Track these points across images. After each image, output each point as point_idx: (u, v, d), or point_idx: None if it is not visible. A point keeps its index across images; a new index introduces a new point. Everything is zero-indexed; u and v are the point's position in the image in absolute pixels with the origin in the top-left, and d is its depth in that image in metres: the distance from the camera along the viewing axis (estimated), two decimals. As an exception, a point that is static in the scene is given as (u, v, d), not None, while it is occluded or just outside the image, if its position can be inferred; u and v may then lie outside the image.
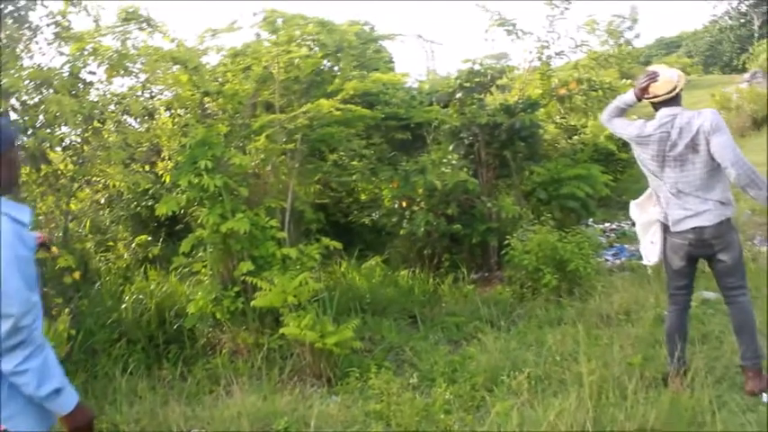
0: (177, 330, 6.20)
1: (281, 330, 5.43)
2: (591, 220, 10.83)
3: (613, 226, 11.37)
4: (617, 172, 12.95)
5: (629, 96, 4.52)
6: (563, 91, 9.83)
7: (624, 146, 13.63)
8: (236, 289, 5.96)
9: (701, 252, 4.40)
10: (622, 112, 4.61)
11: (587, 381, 4.26)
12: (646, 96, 4.43)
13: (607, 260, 9.02)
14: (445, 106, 8.86)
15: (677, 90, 4.34)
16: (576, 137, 12.13)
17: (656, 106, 4.41)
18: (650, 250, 4.65)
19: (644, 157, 4.46)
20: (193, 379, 5.47)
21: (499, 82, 9.12)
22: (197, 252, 6.41)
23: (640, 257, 8.24)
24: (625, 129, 4.57)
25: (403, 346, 6.05)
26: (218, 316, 5.94)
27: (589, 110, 10.68)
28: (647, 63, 39.07)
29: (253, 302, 5.64)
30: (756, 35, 40.70)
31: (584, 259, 7.12)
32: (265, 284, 5.64)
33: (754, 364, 4.37)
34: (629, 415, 3.96)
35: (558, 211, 9.22)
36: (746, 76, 28.01)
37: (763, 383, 4.34)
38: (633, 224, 10.38)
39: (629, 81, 11.20)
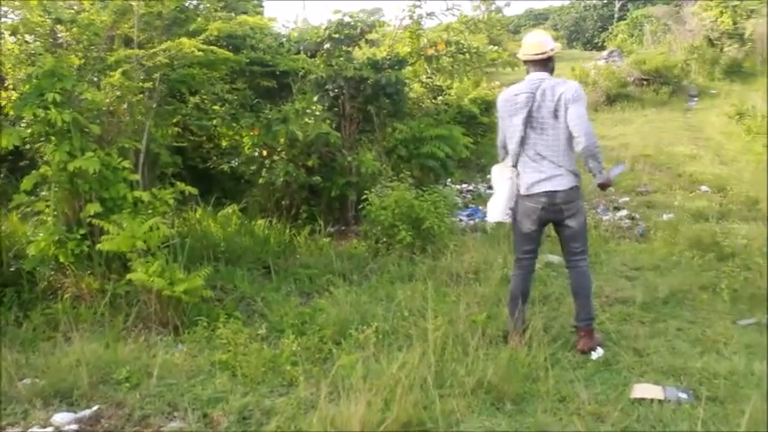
0: (15, 273, 5.85)
1: (128, 276, 5.25)
2: (449, 180, 11.09)
3: (470, 187, 11.70)
4: (478, 135, 13.25)
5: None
6: (431, 51, 9.91)
7: (486, 110, 14.03)
8: (81, 231, 5.68)
9: (552, 216, 4.62)
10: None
11: (432, 336, 4.40)
12: (519, 55, 4.69)
13: (461, 220, 9.27)
14: (313, 56, 8.73)
15: (547, 54, 4.55)
16: (440, 97, 12.29)
17: (528, 69, 4.61)
18: (494, 208, 4.77)
19: (513, 124, 4.57)
20: (30, 324, 5.20)
21: (369, 36, 9.06)
22: (41, 190, 6.05)
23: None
24: (502, 104, 4.69)
25: (255, 296, 6.01)
26: (62, 259, 5.65)
27: (455, 72, 10.83)
28: (516, 32, 40.23)
29: (98, 246, 5.40)
30: (616, 16, 42.64)
31: (438, 218, 7.28)
32: (113, 228, 5.41)
33: (586, 325, 4.67)
34: (470, 370, 4.14)
35: (418, 170, 9.38)
36: (604, 53, 29.49)
37: (594, 342, 4.65)
38: (489, 186, 10.77)
39: (496, 47, 11.44)
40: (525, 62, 4.65)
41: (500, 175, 4.75)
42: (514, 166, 4.66)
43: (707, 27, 26.20)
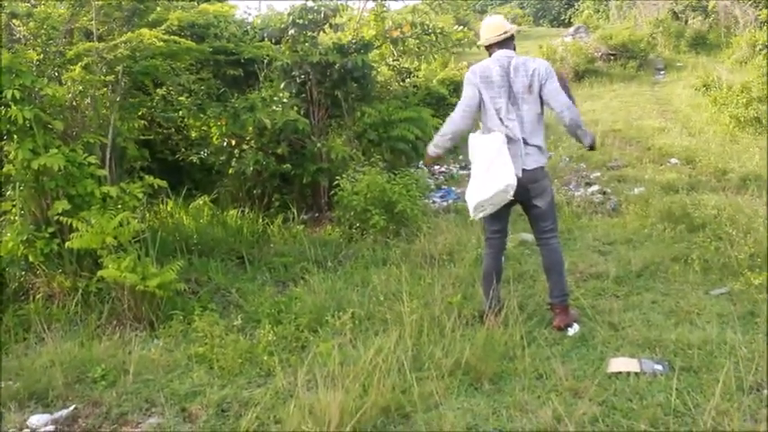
0: (-16, 275, 5.77)
1: (100, 273, 5.19)
2: (420, 162, 11.08)
3: (442, 169, 11.69)
4: (447, 116, 13.24)
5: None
6: (396, 33, 9.87)
7: (455, 91, 14.01)
8: (50, 230, 5.59)
9: (518, 197, 4.58)
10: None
11: (408, 320, 4.41)
12: (480, 43, 4.75)
13: (434, 202, 9.27)
14: (277, 43, 8.65)
15: (508, 33, 4.62)
16: (408, 80, 12.27)
17: (491, 50, 4.66)
18: (502, 173, 4.47)
19: (489, 97, 4.56)
20: (2, 327, 5.12)
21: (334, 21, 9.00)
22: (6, 190, 5.94)
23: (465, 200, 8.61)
24: (468, 102, 4.67)
25: (229, 287, 5.98)
26: (32, 259, 5.58)
27: (422, 53, 10.81)
28: (482, 12, 40.23)
29: (67, 244, 5.33)
30: (581, -8, 42.72)
31: (411, 201, 7.28)
32: (82, 225, 5.34)
33: (561, 301, 4.70)
34: (447, 352, 4.15)
35: (389, 153, 9.38)
36: (571, 30, 29.58)
37: (569, 318, 4.68)
38: (461, 167, 10.77)
39: (462, 27, 11.42)
40: (488, 47, 4.69)
41: (490, 141, 4.55)
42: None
43: (671, 0, 26.39)
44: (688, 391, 3.61)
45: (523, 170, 4.51)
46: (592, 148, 4.73)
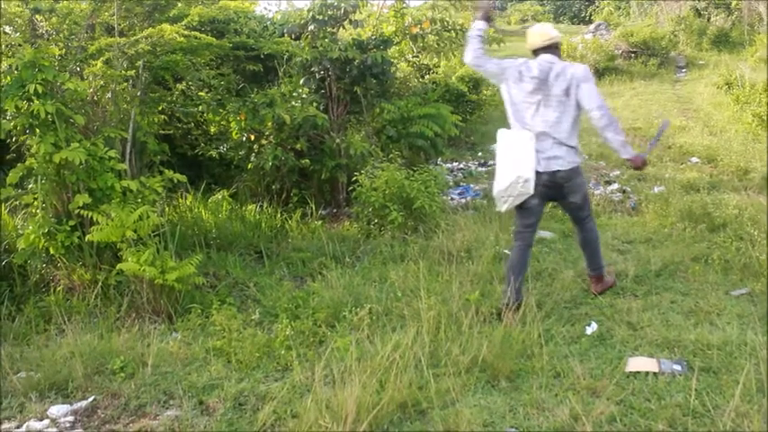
0: (6, 267, 5.82)
1: (119, 266, 5.23)
2: (439, 159, 11.06)
3: (461, 166, 11.66)
4: (466, 113, 13.23)
5: (477, 23, 4.93)
6: (416, 29, 9.86)
7: (474, 88, 13.98)
8: (71, 223, 5.65)
9: (553, 193, 4.85)
10: (481, 39, 4.91)
11: (426, 316, 4.42)
12: (527, 46, 4.89)
13: (453, 199, 9.24)
14: (297, 38, 8.67)
15: (553, 41, 4.83)
16: (428, 76, 12.25)
17: (536, 54, 4.85)
18: (522, 165, 4.66)
19: (521, 93, 4.77)
20: (24, 318, 5.18)
21: (353, 17, 9.00)
22: (28, 183, 6.01)
23: (484, 197, 8.59)
24: (499, 64, 4.87)
25: (247, 281, 5.99)
26: (52, 251, 5.64)
27: (441, 50, 10.78)
28: (503, 8, 39.97)
29: (88, 237, 5.37)
30: (602, -11, 42.41)
31: (429, 197, 7.26)
32: (102, 218, 5.39)
33: (597, 273, 5.21)
34: (464, 349, 4.15)
35: (407, 150, 9.35)
36: (591, 27, 29.36)
37: (605, 285, 5.24)
38: (480, 164, 10.76)
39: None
40: (534, 50, 4.87)
41: (517, 138, 4.76)
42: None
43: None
44: (707, 392, 3.58)
45: (557, 171, 4.72)
46: (637, 168, 4.88)
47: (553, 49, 4.82)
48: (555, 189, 4.80)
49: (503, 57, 5.12)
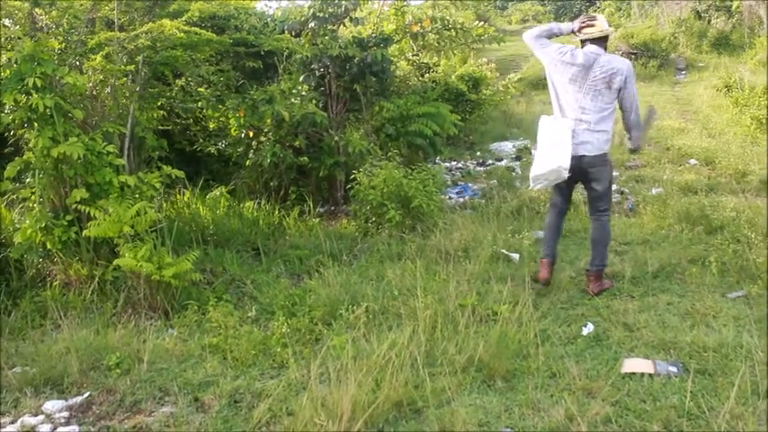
0: (3, 261, 5.81)
1: (116, 262, 5.22)
2: (438, 158, 11.06)
3: (459, 165, 11.66)
4: (466, 112, 13.20)
5: (566, 27, 5.25)
6: (416, 28, 9.85)
7: (474, 87, 13.96)
8: (68, 218, 5.63)
9: (578, 177, 5.18)
10: (552, 36, 5.23)
11: (422, 315, 4.41)
12: (581, 35, 5.13)
13: (451, 198, 9.24)
14: (297, 35, 8.66)
15: (603, 33, 5.10)
16: (427, 75, 12.23)
17: (584, 43, 5.14)
18: (557, 154, 5.00)
19: (562, 78, 5.07)
20: (20, 313, 5.18)
21: (354, 15, 8.99)
22: (26, 177, 6.00)
23: (483, 196, 8.60)
24: (558, 50, 5.10)
25: (244, 278, 5.99)
26: (49, 246, 5.62)
27: (442, 48, 10.78)
28: (503, 8, 39.93)
29: (85, 232, 5.37)
30: (603, -11, 42.39)
31: (427, 196, 7.26)
32: (100, 213, 5.38)
33: (597, 270, 5.26)
34: (460, 348, 4.15)
35: (406, 148, 9.36)
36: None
37: (602, 286, 5.28)
38: (479, 164, 10.78)
39: (482, 23, 11.37)
40: (582, 41, 5.13)
41: (558, 126, 5.09)
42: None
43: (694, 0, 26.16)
44: (702, 394, 3.58)
45: (584, 156, 5.02)
46: (633, 151, 5.47)
47: (601, 41, 5.07)
48: (581, 173, 5.10)
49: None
